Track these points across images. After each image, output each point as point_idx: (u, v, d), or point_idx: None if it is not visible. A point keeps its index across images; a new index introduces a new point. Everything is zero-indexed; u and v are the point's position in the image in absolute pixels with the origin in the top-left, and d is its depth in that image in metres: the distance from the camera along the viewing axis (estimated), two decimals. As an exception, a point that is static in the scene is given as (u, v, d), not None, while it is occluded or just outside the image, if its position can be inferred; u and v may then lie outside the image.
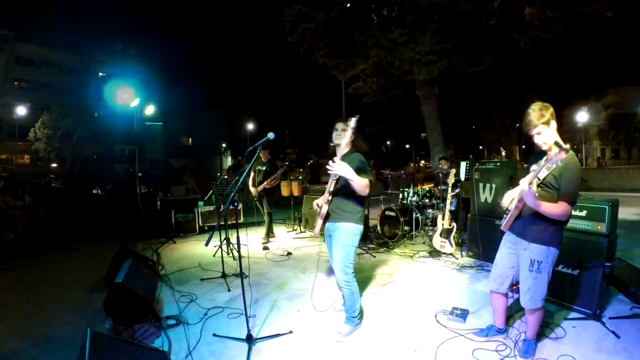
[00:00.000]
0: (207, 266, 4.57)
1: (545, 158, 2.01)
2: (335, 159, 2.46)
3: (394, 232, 5.72)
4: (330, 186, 2.65)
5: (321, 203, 2.72)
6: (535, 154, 2.34)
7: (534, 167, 2.23)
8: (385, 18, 11.05)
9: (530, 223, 2.19)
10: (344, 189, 2.60)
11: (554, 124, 2.13)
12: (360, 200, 2.66)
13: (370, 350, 2.50)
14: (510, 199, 2.35)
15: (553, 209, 2.04)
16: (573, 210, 2.18)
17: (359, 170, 2.49)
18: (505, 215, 2.36)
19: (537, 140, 2.16)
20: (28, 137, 25.45)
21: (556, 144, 1.92)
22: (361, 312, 2.87)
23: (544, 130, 2.11)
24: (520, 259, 2.28)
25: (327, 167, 2.44)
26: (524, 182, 2.03)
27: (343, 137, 2.57)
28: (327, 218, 2.70)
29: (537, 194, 2.04)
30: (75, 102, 26.40)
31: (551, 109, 2.12)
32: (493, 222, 4.33)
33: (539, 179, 2.07)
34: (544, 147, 2.16)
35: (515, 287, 2.40)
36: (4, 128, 27.38)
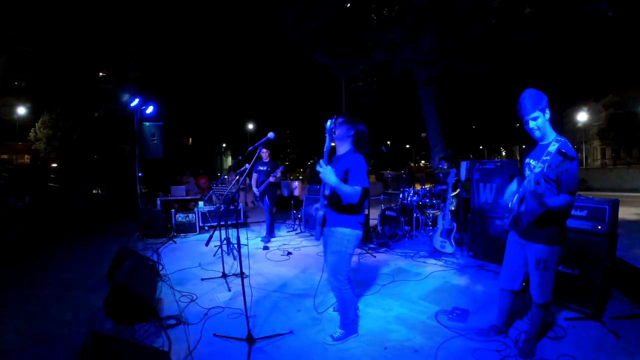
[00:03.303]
0: (207, 266, 4.57)
1: (547, 163, 1.91)
2: (321, 161, 2.33)
3: (394, 232, 5.72)
4: (325, 190, 2.56)
5: (320, 208, 2.66)
6: (528, 146, 2.30)
7: (528, 160, 2.21)
8: (385, 18, 11.06)
9: (532, 224, 2.18)
10: (337, 193, 2.43)
11: (548, 112, 2.08)
12: (358, 204, 2.50)
13: (370, 350, 2.50)
14: (511, 196, 2.32)
15: (556, 202, 2.00)
16: (573, 210, 2.16)
17: (349, 175, 2.36)
18: (507, 214, 2.35)
19: (532, 126, 2.09)
20: (28, 137, 25.44)
21: (560, 152, 1.81)
22: (357, 318, 2.80)
23: (539, 116, 2.06)
24: (527, 257, 2.28)
25: (317, 169, 2.29)
26: (529, 184, 1.98)
27: (329, 139, 2.46)
28: (324, 223, 2.63)
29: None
30: (75, 102, 26.38)
31: (545, 97, 2.06)
32: (493, 222, 4.34)
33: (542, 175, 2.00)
34: (537, 134, 2.11)
35: (523, 283, 2.40)
36: (4, 128, 27.34)
